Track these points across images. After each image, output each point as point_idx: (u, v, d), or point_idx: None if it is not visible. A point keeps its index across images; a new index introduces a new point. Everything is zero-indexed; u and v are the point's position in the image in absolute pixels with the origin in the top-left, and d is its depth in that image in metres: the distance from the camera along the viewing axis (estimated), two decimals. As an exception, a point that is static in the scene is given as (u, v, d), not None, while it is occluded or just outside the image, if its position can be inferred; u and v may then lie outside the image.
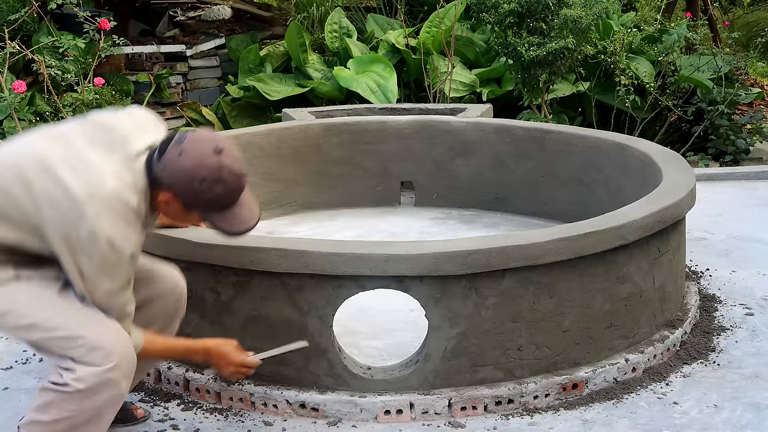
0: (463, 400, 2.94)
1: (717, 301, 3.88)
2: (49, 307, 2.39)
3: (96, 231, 2.26)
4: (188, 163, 2.34)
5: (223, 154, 2.36)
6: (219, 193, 2.37)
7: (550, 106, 7.16)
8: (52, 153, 2.33)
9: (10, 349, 3.56)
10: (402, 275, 2.86)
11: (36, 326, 2.38)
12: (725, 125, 6.93)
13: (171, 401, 3.11)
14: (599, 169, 4.54)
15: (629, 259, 3.15)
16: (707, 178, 5.95)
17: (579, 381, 3.06)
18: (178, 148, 2.35)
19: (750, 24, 10.86)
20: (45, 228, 2.31)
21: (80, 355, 2.36)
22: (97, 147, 2.36)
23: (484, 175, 5.03)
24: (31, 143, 2.39)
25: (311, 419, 2.94)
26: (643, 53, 7.30)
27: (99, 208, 2.27)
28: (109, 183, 2.31)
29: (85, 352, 2.35)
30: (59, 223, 2.29)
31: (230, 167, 2.36)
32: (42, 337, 2.38)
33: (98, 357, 2.36)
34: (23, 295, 2.39)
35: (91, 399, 2.37)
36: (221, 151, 2.36)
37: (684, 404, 3.02)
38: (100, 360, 2.36)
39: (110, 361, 2.37)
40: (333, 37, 8.01)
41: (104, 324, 2.40)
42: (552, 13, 6.45)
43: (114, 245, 2.30)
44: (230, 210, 2.43)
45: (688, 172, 3.74)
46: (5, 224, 2.36)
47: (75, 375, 2.35)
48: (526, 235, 3.03)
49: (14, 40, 6.91)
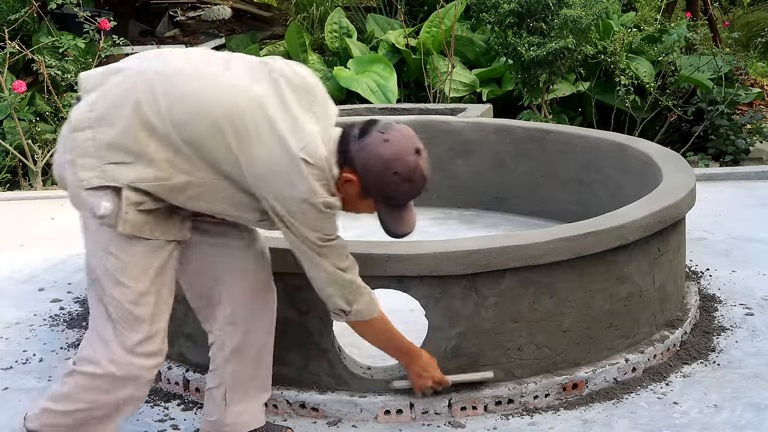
0: (463, 400, 2.94)
1: (717, 301, 3.88)
2: (147, 280, 2.34)
3: (313, 194, 2.29)
4: (389, 152, 2.36)
5: (421, 155, 2.40)
6: (403, 191, 2.41)
7: (550, 106, 7.16)
8: (269, 101, 2.31)
9: (10, 349, 3.56)
10: (402, 275, 2.86)
11: (122, 286, 2.32)
12: (725, 125, 6.94)
13: (171, 401, 3.11)
14: (599, 169, 4.54)
15: (629, 259, 3.15)
16: (707, 178, 5.94)
17: (579, 381, 3.06)
18: (383, 135, 2.37)
19: (750, 24, 10.86)
20: (247, 173, 2.28)
21: (131, 340, 2.32)
22: (302, 106, 2.35)
23: (484, 175, 5.03)
24: (247, 84, 2.32)
25: (311, 419, 2.94)
26: (643, 53, 7.31)
27: (314, 170, 2.29)
28: (321, 148, 2.32)
29: (139, 340, 2.32)
30: (271, 176, 2.28)
31: (423, 171, 2.41)
32: (118, 298, 2.32)
33: (146, 349, 2.33)
34: (139, 256, 2.33)
35: (112, 393, 2.34)
36: (420, 152, 2.40)
37: (684, 404, 3.02)
38: (145, 352, 2.33)
39: (154, 358, 2.35)
40: (333, 37, 8.01)
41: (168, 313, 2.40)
42: (552, 13, 6.46)
43: (331, 206, 2.34)
44: (399, 211, 2.48)
45: (688, 172, 3.74)
46: (188, 159, 2.29)
47: (112, 356, 2.31)
48: (526, 235, 3.03)
49: (14, 40, 6.92)
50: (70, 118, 2.33)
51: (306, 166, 2.28)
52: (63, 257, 4.62)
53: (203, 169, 2.31)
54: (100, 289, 2.35)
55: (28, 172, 6.67)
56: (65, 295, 4.12)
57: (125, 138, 2.27)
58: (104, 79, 2.35)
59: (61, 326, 3.75)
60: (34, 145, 6.67)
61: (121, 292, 2.32)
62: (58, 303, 4.02)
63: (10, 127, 6.81)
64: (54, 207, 5.63)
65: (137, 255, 2.33)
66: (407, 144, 2.39)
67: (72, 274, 4.38)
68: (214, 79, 2.33)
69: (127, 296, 2.32)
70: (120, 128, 2.28)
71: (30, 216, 5.49)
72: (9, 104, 6.45)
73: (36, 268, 4.51)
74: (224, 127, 2.27)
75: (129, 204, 2.28)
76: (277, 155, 2.27)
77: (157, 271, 2.36)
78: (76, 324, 3.74)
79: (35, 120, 6.92)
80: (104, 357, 2.34)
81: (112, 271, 2.32)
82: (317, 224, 2.36)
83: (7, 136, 6.80)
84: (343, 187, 2.42)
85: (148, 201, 2.31)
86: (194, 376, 3.10)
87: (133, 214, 2.29)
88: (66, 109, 6.77)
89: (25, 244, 4.90)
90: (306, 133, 2.31)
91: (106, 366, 2.33)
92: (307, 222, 2.34)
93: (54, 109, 6.98)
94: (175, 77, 2.31)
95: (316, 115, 2.38)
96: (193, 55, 2.40)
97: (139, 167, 2.28)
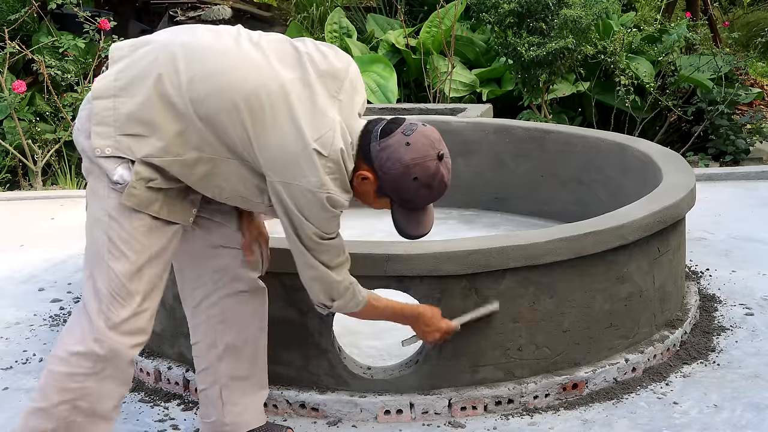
0: (463, 400, 2.94)
1: (717, 301, 3.88)
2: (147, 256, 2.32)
3: (321, 186, 2.25)
4: (410, 157, 2.32)
5: (443, 161, 2.36)
6: (421, 196, 2.38)
7: (550, 106, 7.16)
8: (293, 86, 2.28)
9: (10, 349, 3.56)
10: (402, 275, 2.86)
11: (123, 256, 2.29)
12: (725, 125, 6.93)
13: (171, 401, 3.11)
14: (599, 169, 4.54)
15: (629, 259, 3.15)
16: (707, 178, 5.94)
17: (579, 381, 3.06)
18: (406, 137, 2.32)
19: (750, 24, 10.86)
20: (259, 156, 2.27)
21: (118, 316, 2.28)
22: (327, 93, 2.32)
23: (484, 175, 5.03)
24: (272, 66, 2.30)
25: (311, 419, 2.94)
26: (643, 53, 7.30)
27: (327, 163, 2.26)
28: (339, 141, 2.28)
29: (125, 317, 2.29)
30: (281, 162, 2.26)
31: (443, 177, 2.37)
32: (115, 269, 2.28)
33: (131, 326, 2.30)
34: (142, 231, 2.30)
35: (94, 377, 2.30)
36: (443, 157, 2.35)
37: (684, 404, 3.02)
38: (130, 329, 2.30)
39: (137, 336, 2.32)
40: (333, 37, 8.01)
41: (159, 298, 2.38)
42: (552, 13, 6.46)
43: (335, 203, 2.31)
44: (416, 214, 2.45)
45: (688, 172, 3.74)
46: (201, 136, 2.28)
47: (95, 334, 2.27)
48: (526, 235, 3.03)
49: (14, 40, 6.92)
50: (94, 85, 2.34)
51: (319, 158, 2.26)
52: (63, 257, 4.62)
53: (216, 146, 2.30)
54: (96, 262, 2.32)
55: (28, 172, 6.67)
56: (65, 295, 4.12)
57: (143, 110, 2.27)
58: (132, 51, 2.36)
59: (61, 326, 3.75)
60: (34, 145, 6.67)
61: (119, 263, 2.29)
62: (58, 303, 4.02)
63: (10, 127, 6.81)
64: (54, 207, 5.63)
65: (141, 229, 2.31)
66: (429, 149, 2.34)
67: (72, 274, 4.38)
68: (239, 59, 2.31)
69: (125, 268, 2.29)
70: (139, 100, 2.28)
71: (30, 216, 5.49)
72: (9, 104, 6.45)
73: (36, 268, 4.51)
74: (241, 105, 2.25)
75: (139, 179, 2.27)
76: (291, 142, 2.26)
77: (157, 251, 2.34)
78: (76, 324, 3.74)
79: (35, 120, 6.91)
80: (88, 334, 2.29)
81: (115, 239, 2.30)
82: (318, 219, 2.33)
83: (7, 136, 6.79)
84: (360, 184, 2.40)
85: (159, 179, 2.30)
86: (194, 376, 3.10)
87: (142, 189, 2.28)
88: (66, 109, 6.77)
89: (25, 244, 4.90)
90: (325, 123, 2.28)
91: (89, 344, 2.29)
92: (309, 215, 2.31)
93: (54, 109, 6.98)
94: (202, 53, 2.31)
95: (341, 103, 2.35)
96: (224, 33, 2.38)
97: (153, 141, 2.27)
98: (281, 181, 2.28)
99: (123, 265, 2.29)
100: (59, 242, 4.83)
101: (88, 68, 7.05)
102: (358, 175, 2.38)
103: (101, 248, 2.31)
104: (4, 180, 6.71)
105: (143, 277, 2.32)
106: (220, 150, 2.31)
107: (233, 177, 2.35)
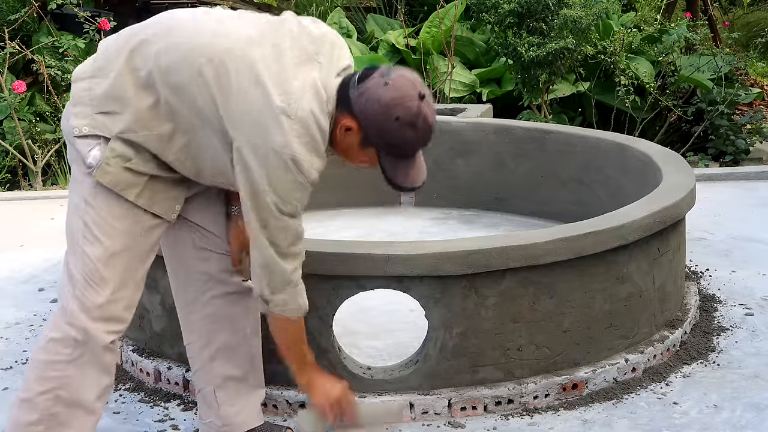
0: (463, 400, 2.94)
1: (717, 301, 3.88)
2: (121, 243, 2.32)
3: (285, 147, 2.19)
4: (389, 96, 2.23)
5: (424, 101, 2.26)
6: (406, 138, 2.26)
7: (550, 106, 7.16)
8: (260, 51, 2.24)
9: (10, 349, 3.56)
10: (402, 275, 2.86)
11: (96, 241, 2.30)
12: (725, 125, 6.93)
13: (171, 401, 3.11)
14: (599, 169, 4.54)
15: (629, 259, 3.15)
16: (707, 178, 5.95)
17: (579, 381, 3.06)
18: (384, 78, 2.25)
19: (750, 24, 10.86)
20: (226, 123, 2.24)
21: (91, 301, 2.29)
22: (299, 57, 2.27)
23: (484, 175, 5.03)
24: (240, 33, 2.28)
25: (311, 419, 2.94)
26: (643, 53, 7.30)
27: (293, 125, 2.20)
28: (308, 100, 2.22)
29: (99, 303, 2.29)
30: (247, 125, 2.22)
31: (426, 116, 2.26)
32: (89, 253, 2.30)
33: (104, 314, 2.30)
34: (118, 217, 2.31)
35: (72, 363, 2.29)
36: (424, 97, 2.26)
37: (684, 404, 3.02)
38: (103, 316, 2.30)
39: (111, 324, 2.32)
40: (333, 37, 7.99)
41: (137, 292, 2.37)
42: (552, 13, 6.46)
43: (300, 166, 2.22)
44: (405, 162, 2.33)
45: (688, 172, 3.74)
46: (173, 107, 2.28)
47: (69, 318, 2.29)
48: (526, 235, 3.03)
49: (14, 40, 6.92)
50: (75, 70, 2.38)
51: (286, 119, 2.20)
52: (63, 257, 4.61)
53: (188, 116, 2.29)
54: (71, 248, 2.34)
55: (28, 172, 6.67)
56: (65, 295, 4.11)
57: (115, 87, 2.30)
58: (117, 36, 2.40)
59: (61, 326, 3.76)
60: (34, 145, 6.67)
61: (92, 248, 2.30)
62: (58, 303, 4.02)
63: (10, 127, 6.81)
64: (54, 207, 5.63)
65: (117, 215, 2.32)
66: (409, 88, 2.25)
67: (72, 274, 4.38)
68: (207, 27, 2.31)
69: (98, 252, 2.30)
70: (112, 77, 2.30)
71: (30, 216, 5.49)
72: (9, 104, 6.45)
73: (36, 268, 4.51)
74: (205, 70, 2.24)
75: (115, 156, 2.28)
76: (256, 104, 2.21)
77: (133, 241, 2.34)
78: (76, 324, 3.74)
79: (35, 120, 6.91)
80: (61, 319, 2.31)
81: (90, 224, 2.31)
82: (281, 185, 2.24)
83: (7, 136, 6.79)
84: (343, 138, 2.31)
85: (136, 159, 2.31)
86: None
87: (118, 168, 2.29)
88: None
89: (25, 244, 4.90)
90: (293, 87, 2.23)
91: (63, 328, 2.30)
92: (272, 178, 2.23)
93: (54, 109, 6.97)
94: (172, 26, 2.33)
95: (320, 65, 2.30)
96: (200, 9, 2.39)
97: (126, 116, 2.29)
98: (247, 142, 2.22)
99: (96, 249, 2.30)
100: (59, 242, 4.79)
101: (88, 68, 7.05)
102: (341, 127, 2.30)
103: (76, 233, 2.33)
104: (4, 180, 6.71)
105: (117, 264, 2.32)
106: (194, 120, 2.29)
107: (210, 149, 2.33)
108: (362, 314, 3.54)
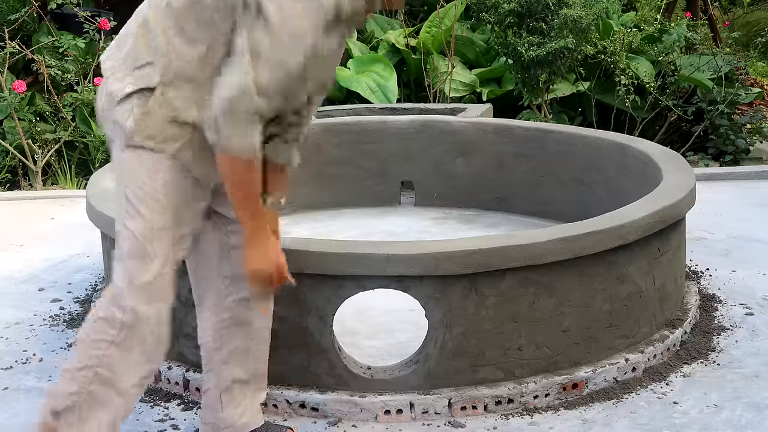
0: (463, 400, 2.94)
1: (717, 301, 3.88)
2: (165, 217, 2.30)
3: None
4: None
5: None
6: None
7: (550, 106, 7.16)
8: None
9: (10, 349, 3.56)
10: (402, 275, 2.86)
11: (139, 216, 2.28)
12: (725, 125, 6.93)
13: (171, 401, 3.11)
14: (599, 169, 4.54)
15: (629, 259, 3.15)
16: (707, 178, 5.94)
17: (579, 381, 3.06)
18: None
19: (750, 24, 10.85)
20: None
21: (139, 279, 2.27)
22: None
23: (484, 175, 5.03)
24: None
25: (311, 419, 2.94)
26: (643, 53, 7.30)
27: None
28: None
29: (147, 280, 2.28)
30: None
31: None
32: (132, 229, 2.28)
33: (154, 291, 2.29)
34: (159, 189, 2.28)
35: (119, 345, 2.29)
36: None
37: (684, 404, 3.02)
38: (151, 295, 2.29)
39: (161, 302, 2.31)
40: (333, 37, 7.99)
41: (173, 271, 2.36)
42: (552, 13, 6.45)
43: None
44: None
45: (688, 172, 3.74)
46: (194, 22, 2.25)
47: (119, 300, 2.28)
48: (526, 235, 3.03)
49: (14, 40, 6.92)
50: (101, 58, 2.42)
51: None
52: (63, 257, 4.62)
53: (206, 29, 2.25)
54: (120, 226, 2.33)
55: (28, 172, 6.67)
56: (65, 295, 4.12)
57: (138, 42, 2.32)
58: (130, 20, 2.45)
59: (61, 326, 3.76)
60: (34, 145, 6.67)
61: (136, 223, 2.29)
62: (58, 303, 4.02)
63: (10, 127, 6.81)
64: (54, 207, 5.63)
65: (158, 187, 2.29)
66: None
67: (72, 274, 4.38)
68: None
69: (143, 228, 2.29)
70: (132, 38, 2.34)
71: (30, 216, 5.49)
72: (9, 104, 6.45)
73: (36, 268, 4.51)
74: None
75: (160, 105, 2.27)
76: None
77: (176, 210, 2.32)
78: (76, 324, 3.74)
79: (35, 120, 6.91)
80: (111, 299, 2.31)
81: (133, 200, 2.30)
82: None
83: (7, 136, 6.79)
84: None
85: (181, 102, 2.27)
86: (194, 376, 3.10)
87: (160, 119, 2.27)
88: (66, 109, 6.77)
89: (25, 244, 4.90)
90: None
91: (111, 309, 2.30)
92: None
93: (54, 109, 6.97)
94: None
95: None
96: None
97: (160, 60, 2.28)
98: None
99: (141, 225, 2.29)
100: (59, 242, 4.83)
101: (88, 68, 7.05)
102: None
103: (121, 210, 2.33)
104: (4, 180, 6.70)
105: (163, 237, 2.31)
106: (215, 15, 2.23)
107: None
108: (362, 314, 3.54)
